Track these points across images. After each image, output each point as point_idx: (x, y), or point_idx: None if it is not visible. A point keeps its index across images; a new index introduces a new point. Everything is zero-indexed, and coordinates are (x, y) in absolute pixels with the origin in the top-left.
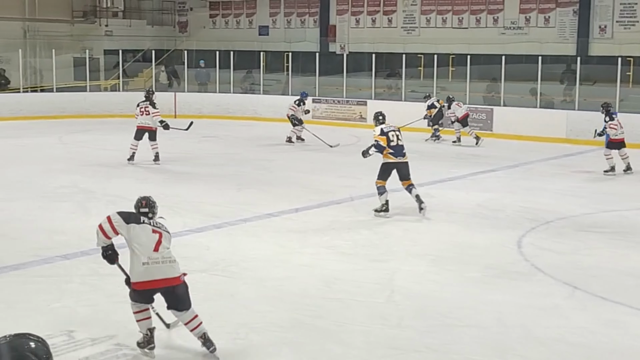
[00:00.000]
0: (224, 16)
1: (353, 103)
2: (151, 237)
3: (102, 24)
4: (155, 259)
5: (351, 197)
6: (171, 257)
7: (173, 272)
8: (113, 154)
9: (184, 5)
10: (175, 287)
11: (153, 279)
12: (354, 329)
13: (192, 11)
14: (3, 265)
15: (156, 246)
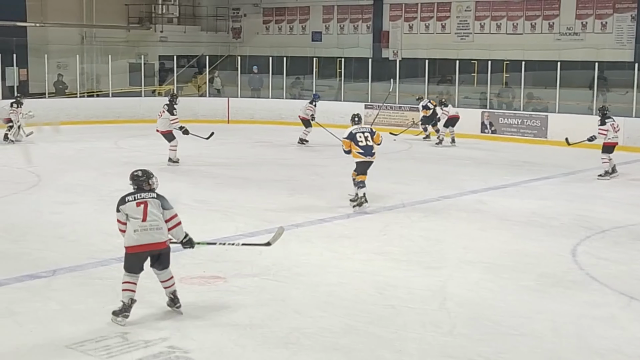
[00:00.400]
0: (277, 22)
1: (405, 109)
2: (137, 210)
3: (157, 30)
4: (144, 227)
5: (403, 204)
6: (158, 224)
7: (160, 237)
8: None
9: (238, 11)
10: (160, 251)
11: (143, 243)
12: (406, 336)
13: (245, 17)
14: (60, 267)
15: (144, 217)
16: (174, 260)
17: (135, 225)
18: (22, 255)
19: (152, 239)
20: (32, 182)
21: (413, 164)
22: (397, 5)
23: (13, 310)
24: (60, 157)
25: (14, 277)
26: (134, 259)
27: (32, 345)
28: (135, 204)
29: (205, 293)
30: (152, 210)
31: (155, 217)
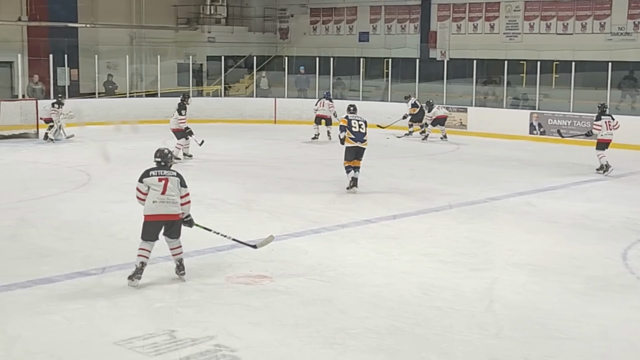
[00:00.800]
0: (324, 23)
1: (453, 110)
2: (159, 185)
3: (205, 30)
4: (162, 199)
5: (450, 205)
6: (175, 199)
7: (175, 209)
8: (214, 158)
9: (286, 12)
10: (174, 221)
11: (159, 213)
12: (452, 338)
13: (293, 18)
14: (109, 265)
15: (163, 190)
16: (221, 260)
17: (154, 197)
18: (73, 252)
19: (167, 210)
20: (82, 181)
21: (459, 165)
22: (445, 5)
23: (63, 307)
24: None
25: (64, 274)
26: (150, 226)
27: (81, 341)
28: (157, 179)
29: (252, 292)
30: (171, 186)
31: (172, 192)
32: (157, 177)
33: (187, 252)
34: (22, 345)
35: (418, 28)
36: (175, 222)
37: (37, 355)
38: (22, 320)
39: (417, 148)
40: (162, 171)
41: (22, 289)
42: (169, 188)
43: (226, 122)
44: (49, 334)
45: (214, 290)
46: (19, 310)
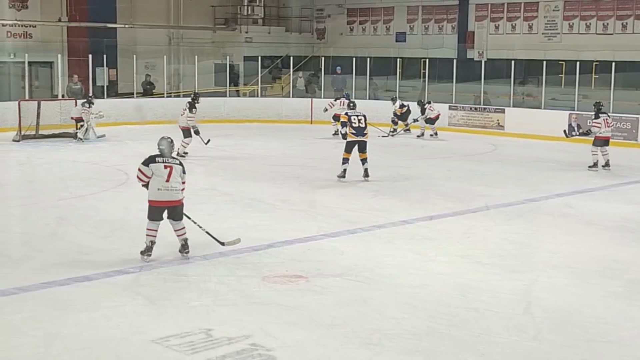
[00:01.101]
0: (361, 23)
1: (491, 110)
2: (164, 172)
3: (243, 31)
4: (166, 187)
5: (487, 206)
6: (177, 187)
7: (176, 196)
8: (251, 158)
9: (322, 12)
10: (176, 206)
11: (163, 199)
12: (490, 340)
13: (330, 18)
14: (147, 263)
15: (168, 177)
16: (257, 259)
17: (159, 184)
18: (111, 251)
19: (170, 197)
20: (121, 180)
21: (497, 166)
22: (483, 5)
23: (101, 305)
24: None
25: (103, 272)
26: (155, 210)
27: (120, 339)
28: (163, 166)
29: (288, 292)
30: (175, 175)
31: (176, 180)
32: (162, 164)
33: (224, 252)
34: (61, 342)
35: (455, 28)
36: (176, 207)
37: (76, 352)
38: (61, 318)
39: (454, 149)
40: (167, 159)
41: (61, 286)
42: (172, 176)
43: (263, 122)
44: (88, 331)
45: (250, 289)
46: (59, 308)
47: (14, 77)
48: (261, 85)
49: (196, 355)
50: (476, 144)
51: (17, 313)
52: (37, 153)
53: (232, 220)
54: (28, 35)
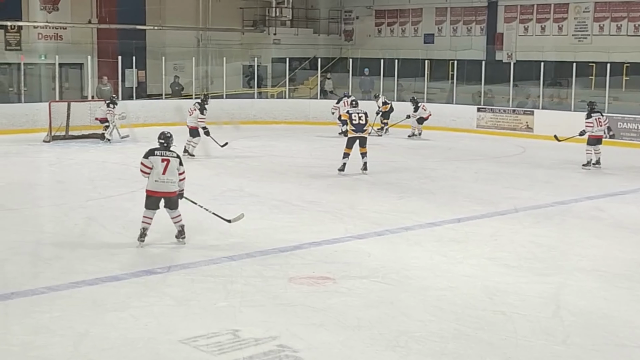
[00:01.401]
0: (389, 24)
1: (519, 112)
2: (161, 165)
3: (271, 32)
4: (162, 179)
5: (515, 209)
6: (173, 179)
7: (172, 188)
8: (278, 160)
9: (351, 14)
10: (171, 197)
11: (159, 190)
12: (517, 343)
13: (358, 20)
14: (174, 264)
15: (164, 170)
16: (284, 260)
17: (156, 176)
18: (139, 251)
19: (166, 188)
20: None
21: (526, 168)
22: (512, 6)
23: (129, 305)
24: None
25: (131, 272)
26: (151, 200)
27: (148, 339)
28: (160, 159)
29: (314, 293)
30: (171, 168)
31: (172, 173)
32: (160, 158)
33: (250, 253)
34: (90, 342)
35: (484, 30)
36: (172, 198)
37: (105, 351)
38: (90, 317)
39: (482, 151)
40: (164, 152)
41: (89, 286)
42: (169, 169)
43: (290, 124)
44: (116, 331)
45: (277, 290)
46: (88, 307)
47: (44, 78)
48: (289, 86)
49: (223, 356)
50: (504, 146)
51: (46, 312)
52: (67, 154)
53: (259, 222)
54: (59, 37)
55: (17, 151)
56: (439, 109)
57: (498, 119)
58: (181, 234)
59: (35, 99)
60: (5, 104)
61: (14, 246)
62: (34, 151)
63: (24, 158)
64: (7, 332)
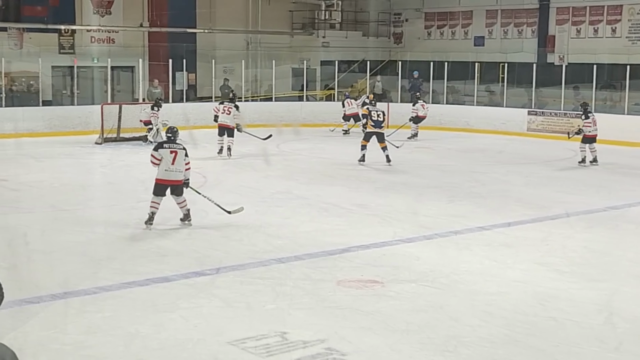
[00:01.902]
0: (439, 27)
1: (571, 116)
2: (170, 156)
3: (320, 35)
4: (171, 169)
5: (567, 213)
6: (180, 169)
7: (179, 177)
8: (327, 162)
9: (400, 16)
10: (177, 185)
11: (167, 179)
12: (569, 350)
13: (407, 22)
14: (223, 266)
15: (172, 160)
16: (332, 263)
17: (165, 166)
18: (189, 252)
19: (174, 177)
20: (199, 183)
21: (578, 172)
22: (565, 8)
23: (179, 306)
24: (225, 159)
25: (180, 274)
26: (160, 187)
27: (197, 340)
28: (169, 151)
29: (363, 297)
30: (179, 159)
31: (179, 163)
32: (169, 150)
33: (299, 256)
34: (141, 342)
35: (535, 32)
36: (178, 186)
37: (155, 351)
38: (140, 317)
39: (533, 154)
40: (172, 145)
41: (140, 287)
42: (177, 160)
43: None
44: (166, 331)
45: (325, 293)
46: (138, 308)
47: (97, 81)
48: (338, 89)
49: (271, 358)
50: (556, 150)
51: (98, 312)
52: (118, 155)
53: (308, 224)
54: (111, 40)
55: (69, 153)
56: (489, 112)
57: (549, 122)
58: (187, 217)
59: (87, 101)
60: (58, 107)
61: (67, 246)
62: (86, 153)
63: (76, 160)
64: (60, 331)
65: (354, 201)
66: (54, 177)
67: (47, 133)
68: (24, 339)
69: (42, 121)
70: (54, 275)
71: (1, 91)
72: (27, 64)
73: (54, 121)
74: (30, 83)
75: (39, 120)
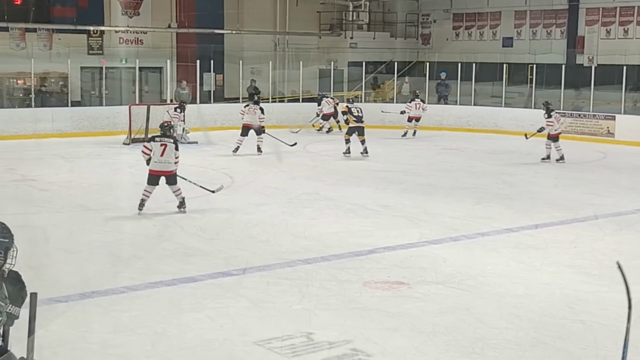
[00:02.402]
0: (467, 28)
1: (600, 117)
2: (159, 149)
3: (348, 36)
4: (160, 161)
5: (595, 216)
6: (170, 160)
7: (170, 167)
8: (354, 163)
9: (428, 17)
10: (169, 175)
11: (158, 170)
12: (597, 354)
13: (435, 23)
14: (250, 266)
15: (162, 153)
16: (359, 265)
17: (155, 158)
18: (216, 253)
19: (164, 167)
20: (226, 184)
21: (607, 174)
22: (594, 9)
23: (206, 306)
24: (252, 159)
25: (207, 274)
26: (152, 177)
27: (223, 339)
28: (159, 144)
29: (389, 298)
30: (168, 151)
31: (169, 155)
32: (159, 143)
33: (325, 257)
34: (167, 341)
35: (565, 33)
36: (170, 175)
37: (182, 351)
38: (167, 317)
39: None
40: (162, 138)
41: (167, 286)
42: (166, 152)
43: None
44: (193, 331)
45: (351, 294)
46: (165, 307)
47: (125, 82)
48: (365, 90)
49: (297, 359)
50: (584, 152)
51: (125, 311)
52: None
53: (335, 225)
54: (139, 41)
55: (98, 153)
56: (517, 113)
57: (578, 124)
58: (182, 205)
59: (116, 102)
60: (87, 107)
61: (95, 246)
62: (114, 153)
63: (104, 160)
64: (87, 330)
65: (381, 202)
66: (83, 177)
67: (75, 133)
68: (50, 338)
69: (70, 122)
70: (81, 274)
71: (31, 92)
72: (57, 64)
73: (82, 122)
74: (60, 83)
75: (67, 120)
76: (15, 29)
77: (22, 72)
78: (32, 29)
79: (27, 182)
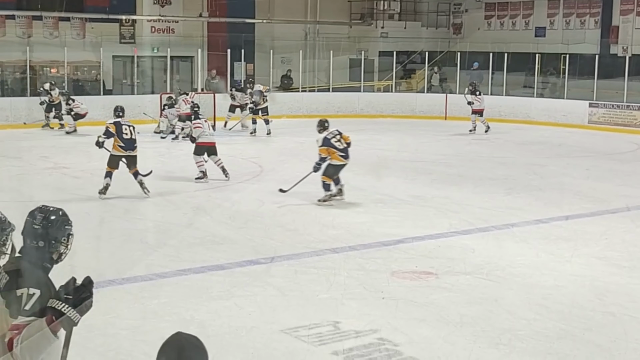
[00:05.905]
0: (499, 17)
1: (634, 108)
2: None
3: (378, 26)
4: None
5: (628, 207)
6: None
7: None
8: (384, 154)
9: (460, 7)
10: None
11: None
12: (627, 346)
13: (467, 12)
14: (278, 255)
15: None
16: (387, 254)
17: (207, 131)
18: (245, 241)
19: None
20: (255, 172)
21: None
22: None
23: (234, 293)
24: (282, 149)
25: (236, 262)
26: (207, 148)
27: (250, 327)
28: (204, 121)
29: (417, 288)
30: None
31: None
32: (203, 120)
33: (353, 246)
34: (195, 328)
35: (599, 23)
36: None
37: (210, 338)
38: (196, 304)
39: (594, 147)
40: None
41: (196, 274)
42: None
43: (397, 118)
44: (221, 318)
45: (379, 284)
46: (194, 295)
47: (156, 71)
48: (396, 80)
49: (324, 347)
50: (617, 143)
51: (154, 298)
52: (176, 145)
53: (363, 215)
54: (170, 30)
55: None
56: (549, 103)
57: (611, 115)
58: (225, 171)
59: (147, 91)
60: (118, 95)
61: (125, 234)
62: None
63: None
64: (116, 316)
65: (410, 192)
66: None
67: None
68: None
69: (103, 110)
70: (111, 261)
71: (64, 80)
72: (89, 53)
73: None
74: (93, 72)
75: (100, 109)
76: (49, 17)
77: (56, 61)
78: (66, 18)
79: (60, 170)
